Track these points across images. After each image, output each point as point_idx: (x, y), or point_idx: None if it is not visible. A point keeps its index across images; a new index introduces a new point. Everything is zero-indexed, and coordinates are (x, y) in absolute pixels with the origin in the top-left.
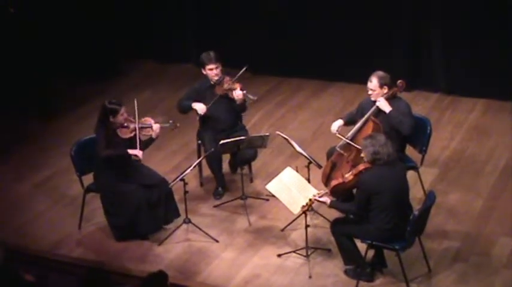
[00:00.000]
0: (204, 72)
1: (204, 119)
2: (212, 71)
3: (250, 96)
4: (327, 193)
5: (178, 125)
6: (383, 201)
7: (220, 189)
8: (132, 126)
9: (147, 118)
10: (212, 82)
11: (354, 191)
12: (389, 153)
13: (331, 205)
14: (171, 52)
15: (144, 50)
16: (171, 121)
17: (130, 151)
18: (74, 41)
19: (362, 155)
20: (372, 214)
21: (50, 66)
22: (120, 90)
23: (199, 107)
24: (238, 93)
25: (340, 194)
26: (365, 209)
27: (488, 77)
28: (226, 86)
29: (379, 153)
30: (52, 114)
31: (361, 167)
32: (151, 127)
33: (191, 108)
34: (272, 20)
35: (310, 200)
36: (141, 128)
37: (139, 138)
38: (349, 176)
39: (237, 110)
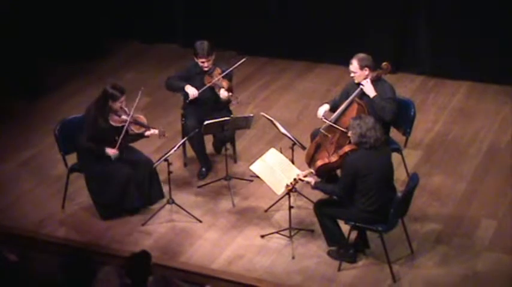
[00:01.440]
0: (196, 60)
1: (188, 100)
2: (203, 63)
3: (233, 101)
4: (311, 172)
5: (166, 135)
6: (368, 183)
7: (203, 169)
8: (123, 117)
9: (140, 116)
10: (203, 70)
11: (338, 171)
12: (377, 137)
13: (316, 186)
14: (156, 32)
15: (129, 29)
16: (162, 129)
17: (107, 150)
18: (59, 20)
19: (348, 134)
20: (356, 196)
21: (35, 46)
22: (105, 69)
23: (192, 91)
24: (223, 94)
25: (325, 175)
26: (350, 191)
27: (472, 60)
28: (215, 79)
29: (365, 136)
30: (37, 93)
31: (346, 148)
32: (142, 126)
33: (183, 90)
34: (258, 1)
35: (294, 179)
36: (132, 122)
37: (126, 131)
38: (334, 156)
39: (221, 101)
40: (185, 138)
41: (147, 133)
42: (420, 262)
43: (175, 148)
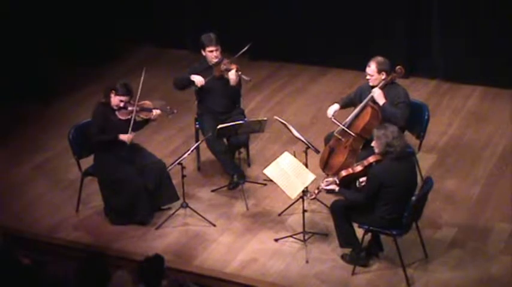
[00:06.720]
0: (204, 54)
1: (201, 102)
2: (212, 53)
3: (245, 77)
4: (335, 181)
5: (175, 111)
6: (392, 194)
7: (235, 177)
8: (130, 108)
9: (146, 101)
10: (211, 64)
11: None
12: (402, 146)
13: (340, 192)
14: (167, 37)
15: (141, 35)
16: (168, 107)
17: (120, 136)
18: (72, 25)
19: (373, 145)
20: (377, 203)
21: (48, 49)
22: (117, 74)
23: (198, 79)
24: (232, 74)
25: (348, 183)
26: (373, 200)
27: (486, 64)
28: (222, 67)
29: (392, 145)
30: (50, 98)
31: (371, 159)
32: (149, 111)
33: (189, 81)
34: (272, 5)
35: (317, 188)
36: (138, 111)
37: (134, 119)
38: (359, 167)
39: (232, 92)
40: (199, 142)
41: (153, 117)
42: (434, 266)
43: (188, 152)
